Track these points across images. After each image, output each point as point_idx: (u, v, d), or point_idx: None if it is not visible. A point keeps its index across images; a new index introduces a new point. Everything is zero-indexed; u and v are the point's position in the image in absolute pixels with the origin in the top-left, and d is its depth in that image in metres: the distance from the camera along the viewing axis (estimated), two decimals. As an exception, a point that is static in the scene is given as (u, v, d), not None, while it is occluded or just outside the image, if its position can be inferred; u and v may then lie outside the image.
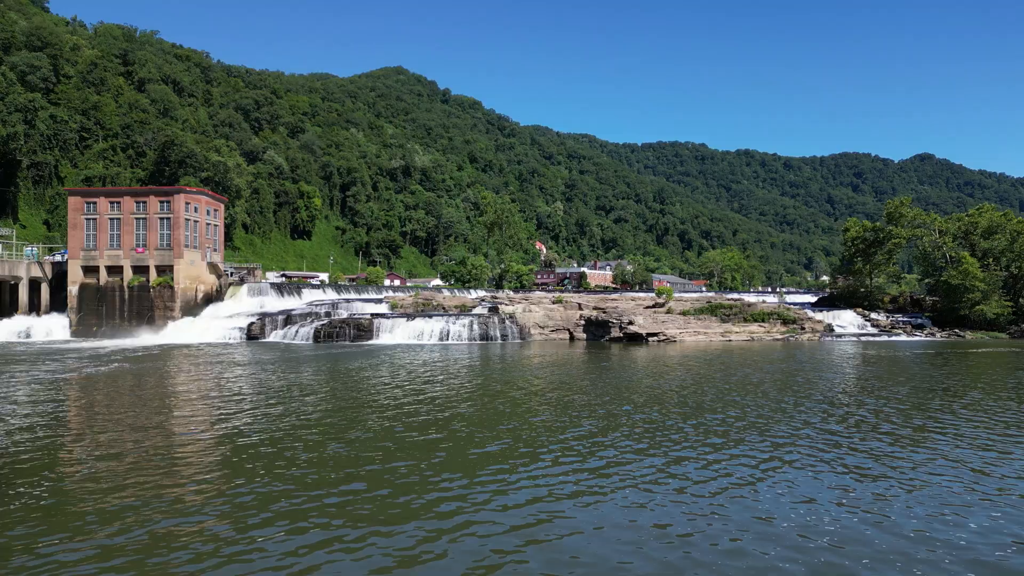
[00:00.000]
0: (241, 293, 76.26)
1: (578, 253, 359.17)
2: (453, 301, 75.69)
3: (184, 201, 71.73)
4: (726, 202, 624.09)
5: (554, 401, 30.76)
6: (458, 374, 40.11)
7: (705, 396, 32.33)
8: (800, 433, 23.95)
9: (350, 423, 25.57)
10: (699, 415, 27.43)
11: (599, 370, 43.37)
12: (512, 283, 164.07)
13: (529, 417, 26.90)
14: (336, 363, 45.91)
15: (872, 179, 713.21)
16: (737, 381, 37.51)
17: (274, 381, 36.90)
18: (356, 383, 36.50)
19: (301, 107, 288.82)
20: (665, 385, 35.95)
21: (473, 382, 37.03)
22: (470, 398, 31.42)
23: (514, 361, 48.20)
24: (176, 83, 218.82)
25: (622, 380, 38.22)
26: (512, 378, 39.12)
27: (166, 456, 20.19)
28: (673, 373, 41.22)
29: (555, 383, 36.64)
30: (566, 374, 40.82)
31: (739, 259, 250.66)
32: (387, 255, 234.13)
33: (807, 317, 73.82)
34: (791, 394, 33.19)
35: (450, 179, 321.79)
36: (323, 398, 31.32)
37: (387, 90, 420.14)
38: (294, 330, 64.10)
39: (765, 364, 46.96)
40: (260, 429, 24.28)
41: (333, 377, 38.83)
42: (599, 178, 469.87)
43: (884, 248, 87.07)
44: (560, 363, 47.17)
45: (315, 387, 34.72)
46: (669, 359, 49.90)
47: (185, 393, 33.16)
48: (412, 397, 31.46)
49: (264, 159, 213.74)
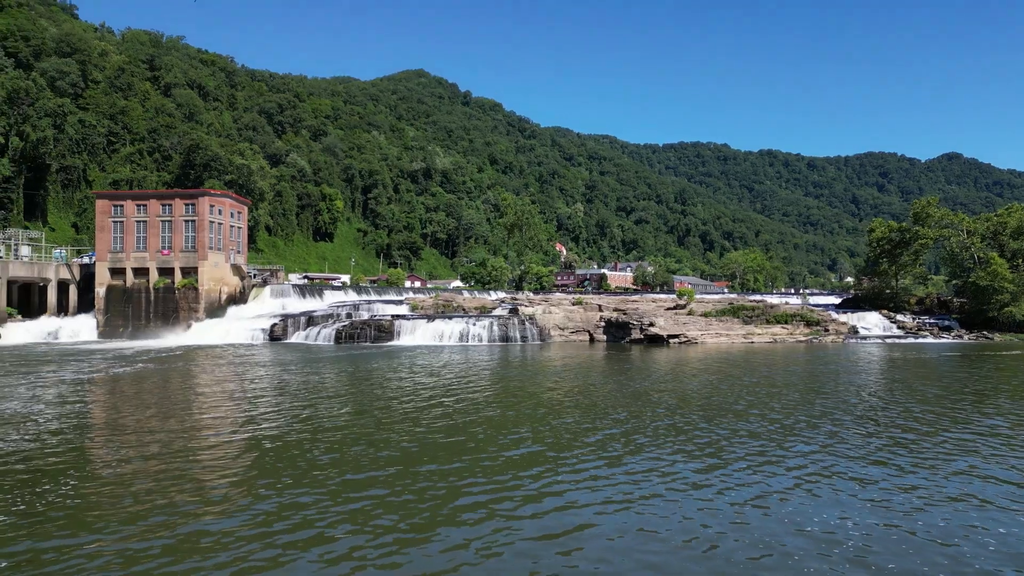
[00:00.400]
0: (264, 295, 76.98)
1: (598, 255, 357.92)
2: (473, 303, 75.80)
3: (209, 204, 72.58)
4: (748, 203, 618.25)
5: (577, 405, 30.55)
6: (479, 376, 40.05)
7: (730, 401, 31.91)
8: (830, 440, 23.49)
9: (373, 427, 25.56)
10: (725, 421, 27.05)
11: (621, 372, 43.07)
12: (532, 284, 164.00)
13: (552, 420, 26.73)
14: (357, 364, 46.09)
15: (898, 179, 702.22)
16: (762, 385, 37.00)
17: (296, 383, 37.11)
18: (377, 385, 36.59)
19: (323, 110, 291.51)
20: (689, 389, 35.56)
21: (494, 385, 36.94)
22: (492, 402, 31.32)
23: (534, 363, 48.06)
24: (201, 87, 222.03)
25: (645, 383, 37.88)
26: (533, 381, 38.96)
27: (189, 459, 20.30)
28: (696, 376, 40.78)
29: (577, 386, 36.42)
30: (588, 377, 40.58)
31: (762, 260, 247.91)
32: (408, 257, 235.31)
33: (831, 319, 72.72)
34: (818, 399, 32.64)
35: (470, 181, 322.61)
36: (345, 401, 31.41)
37: (408, 93, 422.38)
38: (316, 331, 64.54)
39: (789, 367, 46.29)
40: (283, 432, 24.35)
41: (354, 379, 38.96)
42: (620, 179, 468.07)
43: (910, 249, 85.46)
44: (581, 365, 46.94)
45: (337, 389, 34.85)
46: (691, 361, 49.42)
47: (208, 395, 33.46)
48: (434, 401, 31.44)
49: (287, 162, 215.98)
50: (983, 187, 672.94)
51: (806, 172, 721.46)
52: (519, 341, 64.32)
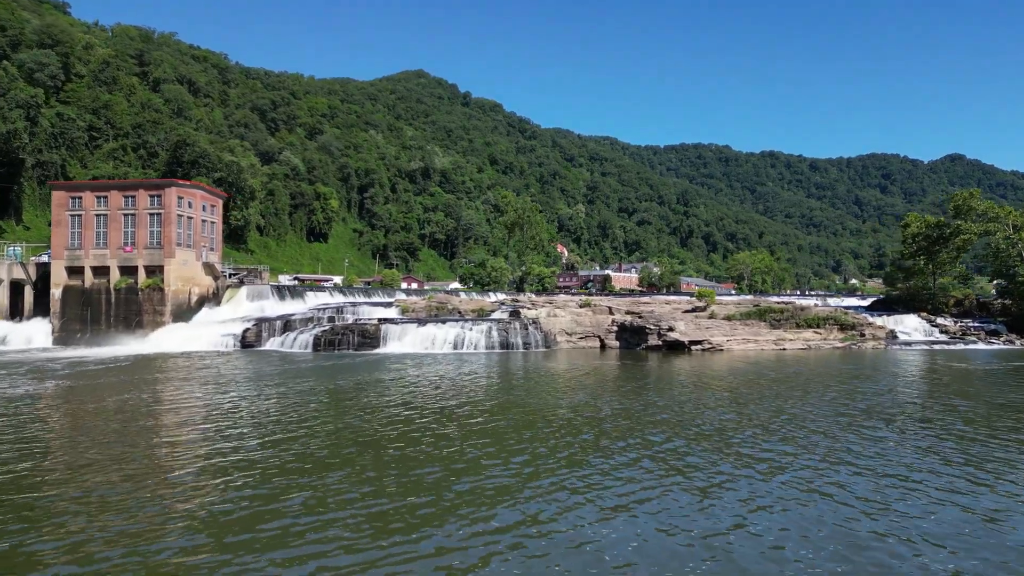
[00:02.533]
0: (240, 296, 69.78)
1: (600, 256, 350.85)
2: (470, 305, 68.54)
3: (176, 195, 65.45)
4: (751, 204, 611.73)
5: (598, 441, 23.36)
6: (475, 395, 32.87)
7: (774, 425, 24.78)
8: (908, 482, 16.42)
9: (338, 461, 18.44)
10: (770, 450, 19.93)
11: (643, 388, 35.86)
12: (533, 286, 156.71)
13: (571, 470, 19.53)
14: (332, 378, 38.92)
15: (901, 180, 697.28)
16: (809, 405, 29.86)
17: (252, 409, 29.94)
18: (350, 407, 29.41)
19: (320, 109, 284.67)
20: (724, 408, 28.41)
21: (492, 407, 29.75)
22: (489, 434, 24.11)
23: (541, 377, 40.78)
24: (192, 83, 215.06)
25: (671, 404, 30.67)
26: (539, 400, 31.74)
27: (130, 499, 13.34)
28: (731, 395, 33.59)
29: (594, 408, 29.23)
30: (605, 394, 33.38)
31: (769, 261, 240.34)
32: (405, 258, 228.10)
33: (867, 322, 65.49)
34: (881, 422, 25.52)
35: (470, 181, 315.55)
36: (306, 429, 24.26)
37: (407, 93, 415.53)
38: (292, 337, 57.32)
39: (836, 380, 39.08)
40: (237, 468, 17.68)
41: (323, 399, 31.80)
42: (621, 180, 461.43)
43: (950, 245, 78.16)
44: (595, 378, 39.73)
45: (300, 415, 27.68)
46: (720, 373, 42.22)
47: (150, 420, 26.24)
48: (417, 429, 24.27)
49: (280, 160, 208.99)
50: (987, 189, 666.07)
51: (808, 173, 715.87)
52: (521, 348, 57.03)
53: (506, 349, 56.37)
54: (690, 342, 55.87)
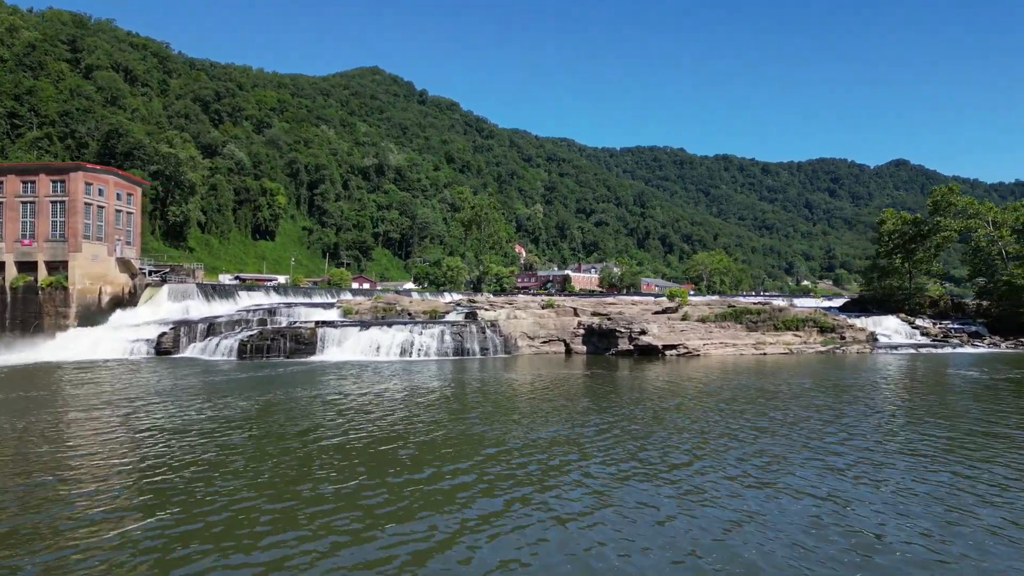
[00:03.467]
0: (160, 296, 61.92)
1: (558, 256, 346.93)
2: (421, 306, 62.05)
3: (84, 181, 57.38)
4: (705, 206, 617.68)
5: (570, 469, 17.60)
6: (420, 423, 26.78)
7: (772, 448, 19.45)
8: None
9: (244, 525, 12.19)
10: (773, 483, 14.50)
11: (617, 408, 30.27)
12: (491, 286, 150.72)
13: (528, 491, 13.70)
14: (251, 396, 32.29)
15: (849, 184, 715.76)
16: (807, 422, 24.72)
17: (136, 437, 23.25)
18: (267, 433, 22.99)
19: (269, 102, 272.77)
20: (712, 429, 23.02)
21: (441, 442, 23.73)
22: (433, 496, 18.10)
23: (500, 393, 34.81)
24: (128, 71, 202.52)
25: (656, 433, 25.14)
26: (498, 430, 25.84)
27: None
28: (717, 408, 28.28)
29: (565, 441, 23.47)
30: (573, 415, 27.70)
31: (727, 262, 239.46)
32: (357, 257, 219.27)
33: (847, 324, 61.49)
34: (894, 443, 20.43)
35: (426, 179, 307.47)
36: (204, 464, 17.83)
37: (361, 89, 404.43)
38: (215, 343, 50.07)
39: (831, 393, 34.26)
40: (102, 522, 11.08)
41: (234, 423, 25.26)
42: (579, 181, 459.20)
43: (929, 243, 75.04)
44: (562, 394, 34.03)
45: (198, 448, 21.14)
46: (700, 383, 37.05)
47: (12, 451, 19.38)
48: (340, 479, 18.09)
49: (223, 153, 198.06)
50: (929, 193, 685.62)
51: (760, 177, 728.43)
52: (478, 354, 50.92)
53: (461, 355, 50.22)
54: (664, 346, 50.70)
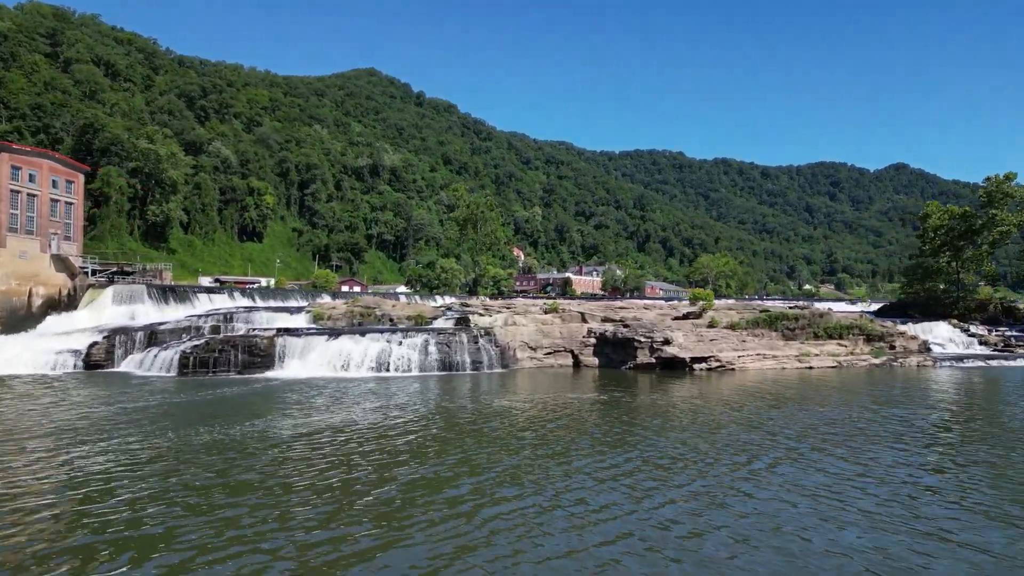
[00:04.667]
0: (103, 299, 53.47)
1: (557, 260, 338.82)
2: (405, 310, 53.48)
3: (10, 164, 49.04)
4: (704, 210, 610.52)
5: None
6: (381, 467, 18.39)
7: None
8: None
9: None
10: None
11: (652, 446, 21.85)
12: (488, 289, 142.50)
13: None
14: (176, 431, 23.91)
15: (849, 188, 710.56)
16: (933, 497, 16.47)
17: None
18: (183, 483, 14.65)
19: (260, 101, 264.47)
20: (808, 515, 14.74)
21: (406, 499, 15.38)
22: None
23: (492, 431, 26.24)
24: (110, 66, 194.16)
25: (712, 507, 16.79)
26: (486, 494, 17.49)
27: None
28: (787, 450, 19.92)
29: (578, 508, 15.15)
30: (593, 462, 19.30)
31: (733, 265, 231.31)
32: (349, 260, 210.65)
33: (896, 332, 53.27)
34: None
35: (422, 180, 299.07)
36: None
37: (357, 90, 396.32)
38: (153, 355, 41.65)
39: (920, 424, 26.00)
40: None
41: (117, 494, 16.92)
42: (578, 183, 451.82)
43: (982, 239, 66.89)
44: (573, 424, 25.63)
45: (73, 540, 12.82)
46: (746, 408, 28.72)
47: None
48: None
49: (209, 151, 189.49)
50: (930, 197, 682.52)
51: (760, 181, 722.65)
52: (469, 368, 42.48)
53: (449, 370, 41.79)
54: (692, 359, 42.38)
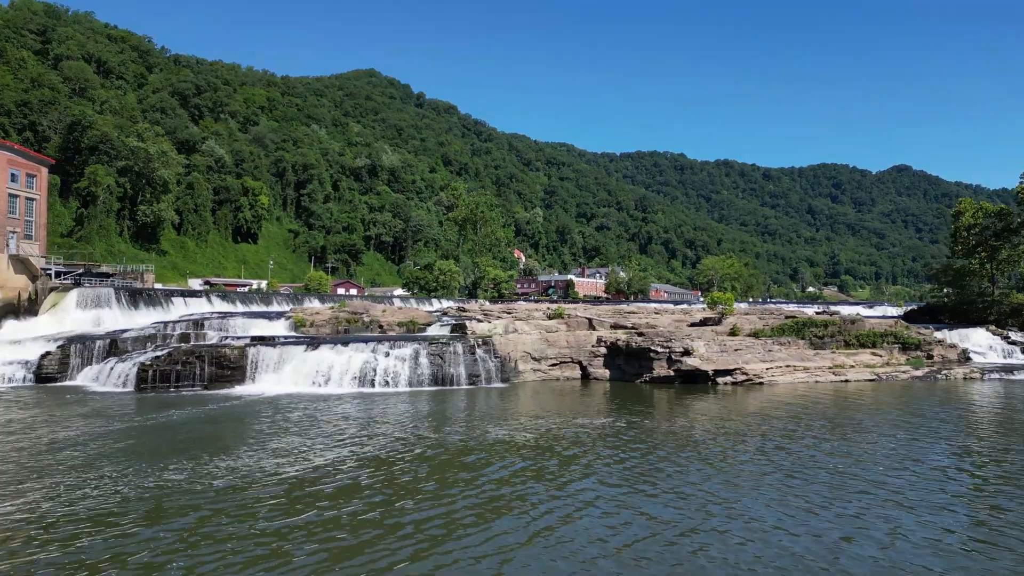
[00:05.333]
0: (67, 303, 48.91)
1: (559, 262, 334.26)
2: (396, 316, 48.87)
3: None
4: (706, 212, 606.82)
5: None
6: (349, 525, 13.78)
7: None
8: None
9: None
10: None
11: (687, 490, 17.23)
12: (488, 292, 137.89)
13: None
14: (115, 465, 19.29)
15: (851, 190, 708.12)
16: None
17: None
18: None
19: (257, 100, 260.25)
20: None
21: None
22: None
23: (491, 471, 21.67)
24: (102, 63, 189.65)
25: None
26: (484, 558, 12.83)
27: None
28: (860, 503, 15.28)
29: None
30: (613, 516, 14.67)
31: (738, 267, 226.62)
32: (346, 261, 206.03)
33: (934, 340, 48.66)
34: None
35: (421, 180, 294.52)
36: None
37: (356, 90, 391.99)
38: (110, 367, 37.07)
39: (995, 455, 21.33)
40: None
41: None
42: (579, 185, 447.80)
43: (1018, 239, 62.16)
44: (585, 455, 20.98)
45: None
46: (794, 436, 24.03)
47: None
48: None
49: (202, 150, 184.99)
50: (932, 199, 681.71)
51: (762, 183, 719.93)
52: (464, 383, 37.79)
53: (442, 385, 37.12)
54: (715, 372, 37.76)
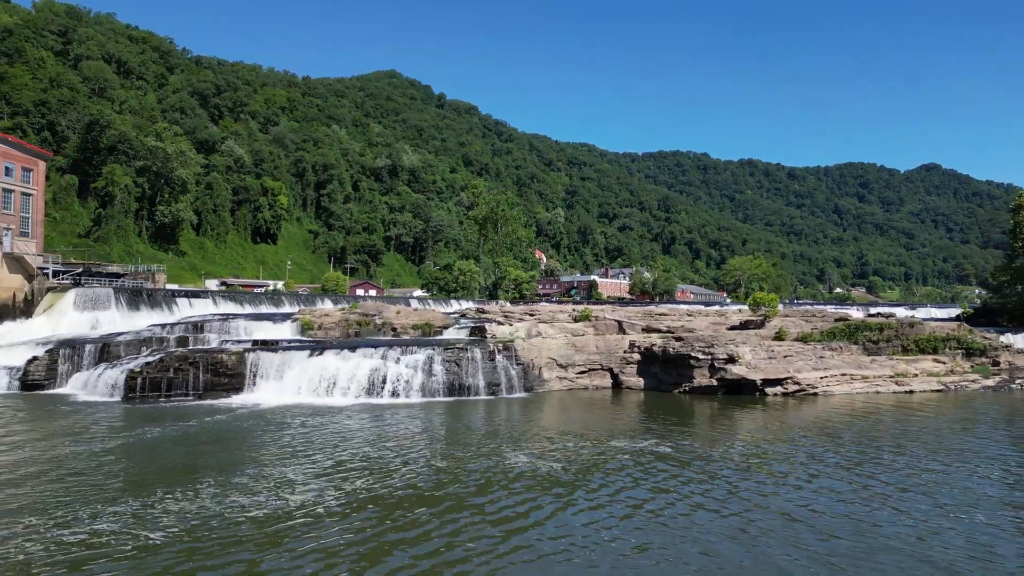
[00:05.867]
0: (64, 304, 46.17)
1: (580, 262, 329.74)
2: (411, 318, 45.27)
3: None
4: (730, 212, 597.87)
5: None
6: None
7: None
8: None
9: None
10: None
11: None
12: (509, 293, 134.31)
13: None
14: (79, 498, 15.97)
15: (878, 189, 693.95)
16: None
17: None
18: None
19: (278, 100, 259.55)
20: None
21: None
22: None
23: (504, 513, 18.02)
24: (122, 63, 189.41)
25: None
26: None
27: None
28: None
29: None
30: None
31: (766, 267, 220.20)
32: (366, 262, 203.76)
33: (1000, 345, 44.12)
34: None
35: (442, 180, 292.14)
36: None
37: (377, 91, 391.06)
38: (97, 374, 34.04)
39: None
40: None
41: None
42: (601, 185, 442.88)
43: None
44: (624, 489, 17.18)
45: None
46: (882, 466, 19.97)
47: None
48: None
49: (221, 150, 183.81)
50: (963, 198, 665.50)
51: (787, 182, 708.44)
52: (483, 392, 34.12)
53: (458, 395, 33.47)
54: (764, 381, 33.73)
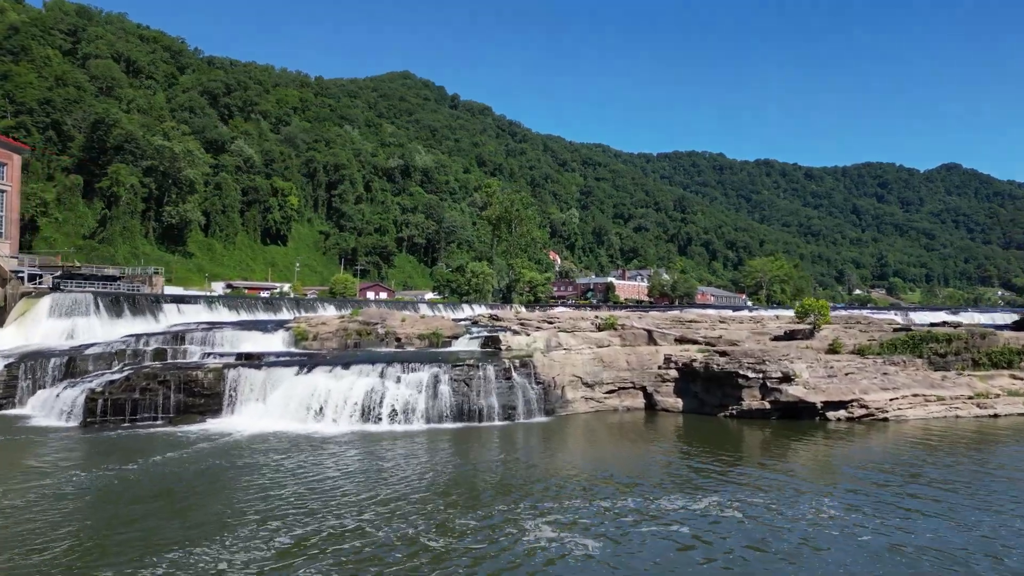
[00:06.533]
0: (38, 311, 42.07)
1: (595, 264, 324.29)
2: (417, 326, 40.55)
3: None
4: (746, 213, 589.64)
5: None
6: None
7: None
8: None
9: None
10: None
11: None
12: (524, 296, 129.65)
13: None
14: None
15: (897, 189, 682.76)
16: None
17: None
18: None
19: (290, 101, 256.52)
20: None
21: None
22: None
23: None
24: (131, 63, 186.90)
25: None
26: None
27: None
28: None
29: None
30: None
31: (788, 268, 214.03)
32: (377, 264, 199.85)
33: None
34: None
35: (455, 181, 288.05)
36: None
37: (390, 92, 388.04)
38: (56, 393, 29.79)
39: None
40: None
41: None
42: (616, 185, 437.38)
43: None
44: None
45: None
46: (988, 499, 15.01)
47: None
48: None
49: (231, 150, 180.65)
50: (984, 198, 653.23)
51: (804, 182, 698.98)
52: (497, 417, 29.44)
53: (468, 420, 28.76)
54: (824, 403, 28.84)
